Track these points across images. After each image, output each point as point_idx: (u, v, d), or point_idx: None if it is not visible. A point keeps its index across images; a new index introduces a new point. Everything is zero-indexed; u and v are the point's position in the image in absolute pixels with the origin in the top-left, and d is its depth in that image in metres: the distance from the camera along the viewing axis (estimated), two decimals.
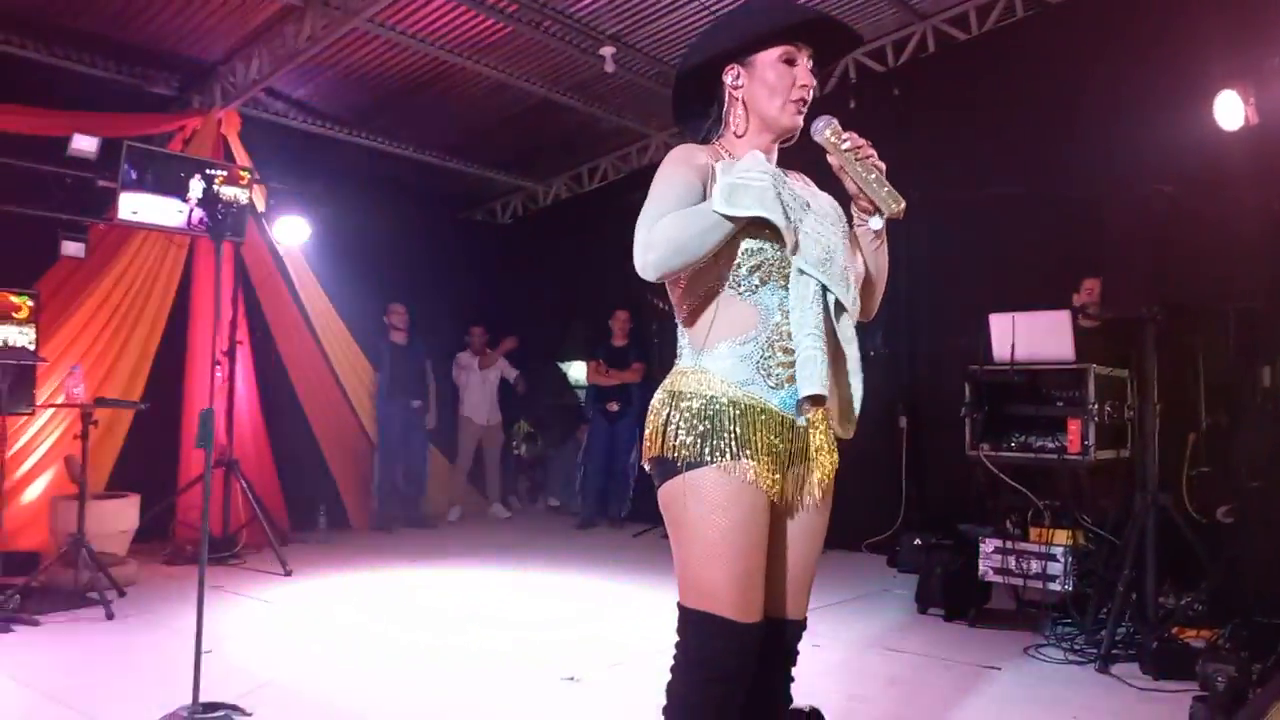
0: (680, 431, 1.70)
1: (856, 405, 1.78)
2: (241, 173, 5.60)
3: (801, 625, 1.87)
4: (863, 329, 1.81)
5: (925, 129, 6.07)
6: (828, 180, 1.81)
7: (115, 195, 5.09)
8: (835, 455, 1.83)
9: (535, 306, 8.72)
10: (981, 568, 4.13)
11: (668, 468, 1.72)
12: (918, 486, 5.89)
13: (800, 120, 1.77)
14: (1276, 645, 3.04)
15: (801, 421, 1.74)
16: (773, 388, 1.71)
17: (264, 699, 3.04)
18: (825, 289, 1.70)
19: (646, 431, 1.78)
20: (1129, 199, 3.99)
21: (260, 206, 6.18)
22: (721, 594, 1.65)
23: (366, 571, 5.31)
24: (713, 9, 5.70)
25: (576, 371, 9.02)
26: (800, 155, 1.84)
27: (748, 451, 1.68)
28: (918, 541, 4.77)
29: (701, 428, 1.68)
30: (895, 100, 6.23)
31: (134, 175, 5.12)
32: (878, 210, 1.71)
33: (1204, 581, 3.83)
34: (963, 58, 6.03)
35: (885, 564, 5.48)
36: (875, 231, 1.79)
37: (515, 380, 8.07)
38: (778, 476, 1.72)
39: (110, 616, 4.08)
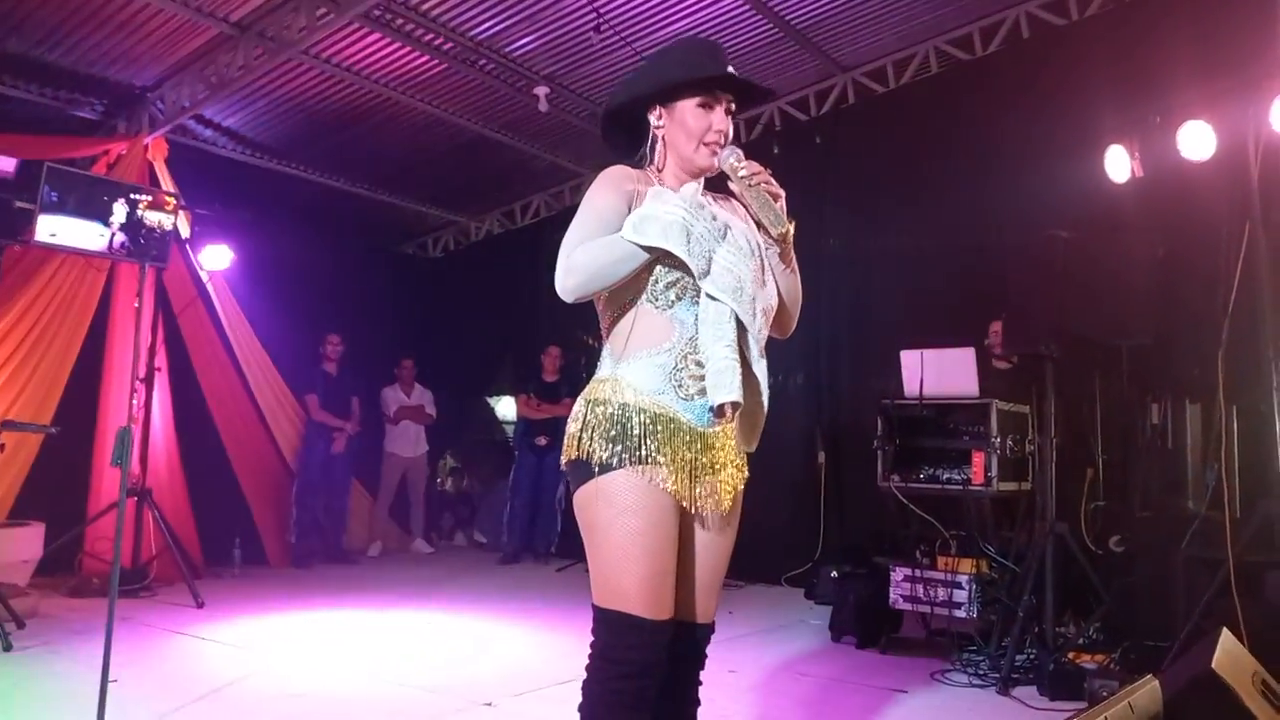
0: (594, 436, 1.78)
1: (761, 422, 1.88)
2: (167, 198, 5.54)
3: (710, 628, 1.95)
4: (783, 365, 1.93)
5: (845, 175, 6.35)
6: None
7: (33, 217, 4.98)
8: (745, 470, 1.93)
9: (466, 341, 8.72)
10: (892, 596, 4.26)
11: (582, 471, 1.80)
12: (837, 520, 6.01)
13: (714, 161, 1.87)
14: (1160, 665, 3.21)
15: (713, 430, 1.83)
16: (683, 399, 1.80)
17: None
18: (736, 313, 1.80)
19: (565, 438, 1.85)
20: (1028, 243, 4.22)
21: (185, 233, 6.10)
22: (631, 593, 1.73)
23: (281, 606, 5.19)
24: (644, 54, 5.89)
25: (504, 408, 9.00)
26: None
27: (657, 457, 1.76)
28: (834, 573, 4.88)
29: (613, 433, 1.77)
30: (817, 148, 6.50)
31: (54, 198, 5.01)
32: (768, 231, 1.84)
33: (1100, 608, 4.01)
34: (881, 109, 6.33)
35: (803, 596, 5.58)
36: (780, 254, 1.90)
37: (425, 417, 7.96)
38: (685, 483, 1.80)
39: (8, 648, 3.93)
